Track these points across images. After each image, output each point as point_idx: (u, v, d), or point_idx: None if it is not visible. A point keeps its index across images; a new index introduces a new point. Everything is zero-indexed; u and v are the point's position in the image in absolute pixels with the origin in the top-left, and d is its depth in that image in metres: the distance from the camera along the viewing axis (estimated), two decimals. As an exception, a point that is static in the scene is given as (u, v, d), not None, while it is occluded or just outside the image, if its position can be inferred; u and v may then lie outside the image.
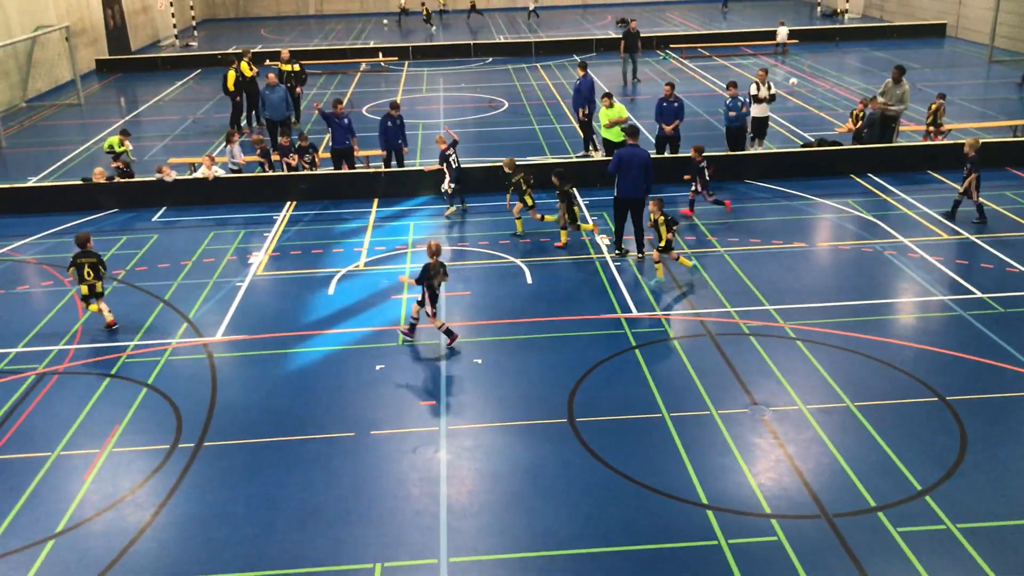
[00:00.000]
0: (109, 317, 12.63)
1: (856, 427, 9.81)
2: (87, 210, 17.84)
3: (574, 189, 15.33)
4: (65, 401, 10.85)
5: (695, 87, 28.22)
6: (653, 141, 19.52)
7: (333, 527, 8.45)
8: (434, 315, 11.78)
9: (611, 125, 18.34)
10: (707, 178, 16.33)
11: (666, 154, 18.87)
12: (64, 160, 22.03)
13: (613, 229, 14.93)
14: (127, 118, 26.54)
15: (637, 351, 11.64)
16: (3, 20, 28.04)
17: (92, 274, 12.56)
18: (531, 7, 45.83)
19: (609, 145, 18.65)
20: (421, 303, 11.80)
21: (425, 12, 45.00)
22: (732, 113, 18.93)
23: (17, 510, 8.81)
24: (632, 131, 14.42)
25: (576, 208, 15.27)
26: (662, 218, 13.51)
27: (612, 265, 14.40)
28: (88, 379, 11.37)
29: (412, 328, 12.01)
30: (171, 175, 18.20)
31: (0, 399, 10.90)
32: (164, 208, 17.99)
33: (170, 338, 12.39)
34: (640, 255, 14.56)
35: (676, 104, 18.78)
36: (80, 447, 9.88)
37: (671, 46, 35.81)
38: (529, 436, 9.83)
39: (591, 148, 20.54)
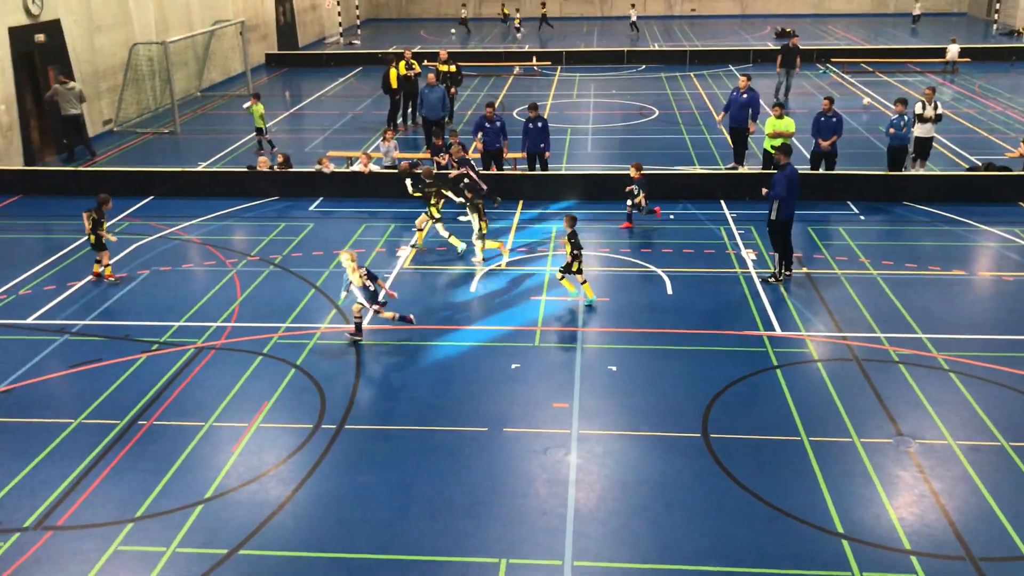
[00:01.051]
0: (96, 268, 14.58)
1: (1010, 468, 9.28)
2: (250, 196, 18.80)
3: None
4: (219, 375, 11.47)
5: (855, 103, 27.23)
6: (808, 156, 18.97)
7: (462, 519, 8.62)
8: (377, 310, 12.20)
9: (775, 135, 17.95)
10: (640, 199, 16.40)
11: (821, 170, 18.34)
12: (231, 148, 23.27)
13: (775, 253, 14.06)
14: (291, 111, 27.77)
15: (778, 371, 11.36)
16: (186, 14, 29.87)
17: (90, 227, 14.27)
18: (633, 18, 45.11)
19: (769, 157, 18.28)
20: (361, 305, 12.25)
21: (516, 21, 45.63)
22: (892, 131, 18.20)
23: (171, 474, 9.38)
24: (786, 150, 13.98)
25: (484, 221, 15.08)
26: (568, 235, 13.09)
27: (756, 280, 14.09)
28: (242, 356, 11.99)
29: (358, 327, 12.34)
30: (329, 167, 18.98)
31: (161, 370, 11.63)
32: (321, 198, 18.74)
33: (319, 323, 12.92)
34: (788, 273, 14.14)
35: (835, 119, 18.20)
36: (230, 420, 10.43)
37: (832, 60, 34.69)
38: (661, 447, 9.75)
39: (739, 163, 20.17)
